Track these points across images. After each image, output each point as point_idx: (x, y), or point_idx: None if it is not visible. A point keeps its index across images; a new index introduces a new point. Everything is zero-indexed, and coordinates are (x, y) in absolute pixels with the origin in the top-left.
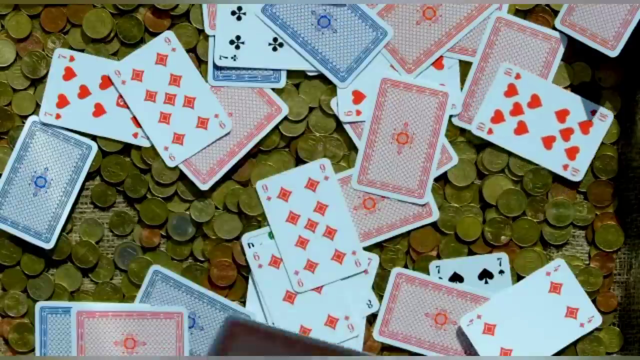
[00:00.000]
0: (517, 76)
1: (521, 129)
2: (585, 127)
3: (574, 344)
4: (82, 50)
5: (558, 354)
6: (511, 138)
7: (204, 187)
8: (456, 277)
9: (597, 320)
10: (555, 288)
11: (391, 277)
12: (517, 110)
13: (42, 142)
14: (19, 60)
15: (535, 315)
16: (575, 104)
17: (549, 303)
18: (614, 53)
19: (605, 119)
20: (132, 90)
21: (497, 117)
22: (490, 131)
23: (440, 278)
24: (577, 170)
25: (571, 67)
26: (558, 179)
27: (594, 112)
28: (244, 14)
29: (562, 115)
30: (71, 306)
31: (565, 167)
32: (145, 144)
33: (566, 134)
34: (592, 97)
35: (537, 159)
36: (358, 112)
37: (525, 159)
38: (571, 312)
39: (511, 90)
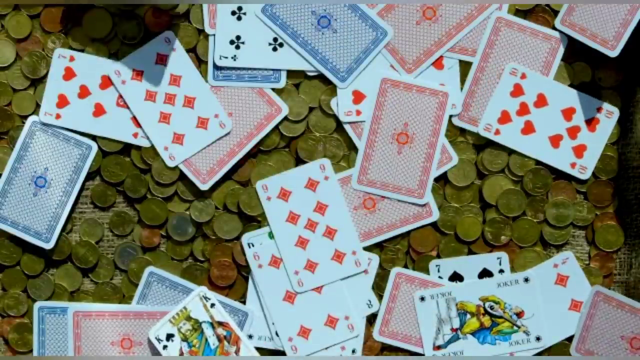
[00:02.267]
0: (523, 76)
1: (528, 128)
2: (591, 124)
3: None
4: (82, 50)
5: (557, 348)
6: (518, 138)
7: (204, 187)
8: (456, 277)
9: None
10: (561, 280)
11: (391, 277)
12: (523, 110)
13: (42, 142)
14: (19, 60)
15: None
16: (581, 102)
17: (553, 294)
18: (614, 53)
19: (611, 116)
20: (132, 90)
21: (504, 118)
22: (497, 132)
23: (440, 277)
24: (585, 168)
25: (571, 67)
26: (557, 178)
27: (600, 110)
28: (244, 14)
29: (568, 113)
30: (68, 306)
31: (573, 165)
32: (145, 144)
33: (573, 132)
34: (592, 97)
35: (544, 158)
36: (358, 112)
37: (531, 158)
38: (575, 305)
39: (517, 90)
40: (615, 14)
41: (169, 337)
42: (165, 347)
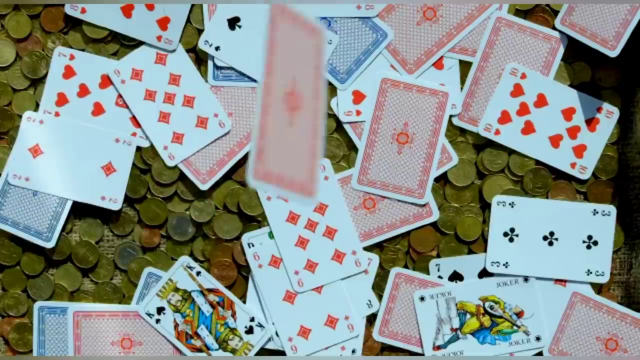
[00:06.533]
0: (523, 76)
1: (528, 128)
2: (591, 124)
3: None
4: (82, 51)
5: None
6: (518, 138)
7: (204, 187)
8: (456, 276)
9: None
10: (561, 280)
11: (390, 277)
12: (523, 110)
13: None
14: (19, 60)
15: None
16: (581, 102)
17: (553, 294)
18: (614, 53)
19: (611, 116)
20: (131, 89)
21: (504, 118)
22: (497, 132)
23: (440, 277)
24: (585, 168)
25: (571, 67)
26: (557, 178)
27: (600, 110)
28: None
29: (568, 113)
30: (68, 306)
31: (573, 165)
32: (144, 144)
33: (573, 132)
34: (592, 97)
35: (544, 158)
36: (358, 112)
37: (531, 158)
38: None
39: (517, 90)
40: (615, 14)
41: (160, 310)
42: (158, 320)
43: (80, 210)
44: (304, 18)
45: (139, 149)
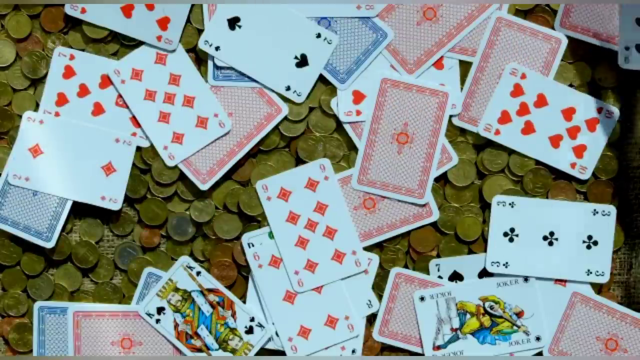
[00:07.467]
0: (523, 76)
1: (528, 128)
2: (591, 124)
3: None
4: (82, 51)
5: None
6: (518, 138)
7: (204, 187)
8: (456, 276)
9: None
10: (561, 280)
11: (390, 277)
12: (523, 110)
13: None
14: (19, 60)
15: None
16: (581, 102)
17: (553, 294)
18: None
19: (611, 116)
20: (131, 89)
21: (504, 118)
22: (497, 132)
23: (440, 277)
24: (585, 168)
25: (571, 67)
26: (557, 178)
27: (600, 110)
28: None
29: (568, 113)
30: (68, 306)
31: (573, 165)
32: (144, 144)
33: (573, 132)
34: (592, 97)
35: (544, 158)
36: (358, 112)
37: (531, 158)
38: None
39: (517, 90)
40: (612, 11)
41: (160, 310)
42: (158, 320)
43: (80, 210)
44: None
45: (139, 149)
